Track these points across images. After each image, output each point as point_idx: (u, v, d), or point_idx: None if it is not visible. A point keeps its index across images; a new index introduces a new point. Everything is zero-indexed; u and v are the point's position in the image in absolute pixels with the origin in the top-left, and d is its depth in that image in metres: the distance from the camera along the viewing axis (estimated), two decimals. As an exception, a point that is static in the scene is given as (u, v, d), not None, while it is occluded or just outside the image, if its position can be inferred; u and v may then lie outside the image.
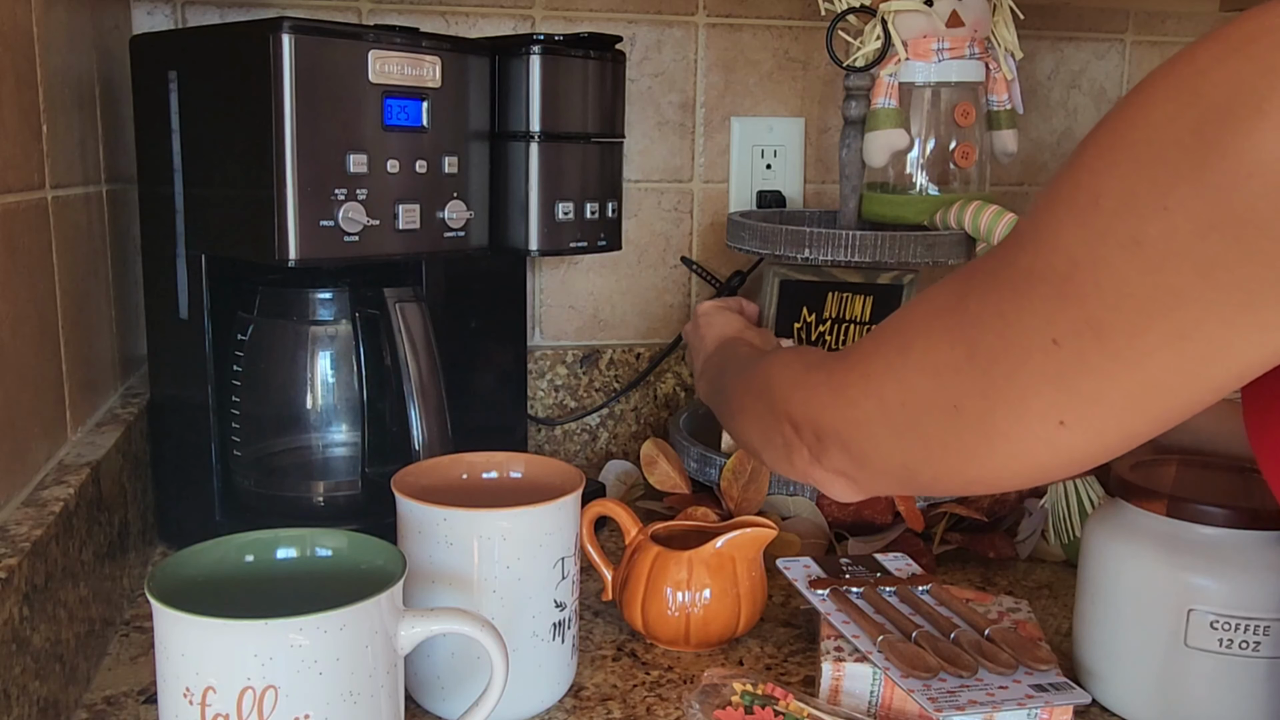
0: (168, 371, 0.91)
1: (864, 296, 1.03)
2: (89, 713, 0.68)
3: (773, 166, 1.21)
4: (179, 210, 0.84)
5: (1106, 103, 1.30)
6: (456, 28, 1.10)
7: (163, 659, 0.52)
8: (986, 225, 0.95)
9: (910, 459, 0.51)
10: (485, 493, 0.74)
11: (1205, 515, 0.66)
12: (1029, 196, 1.30)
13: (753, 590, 0.78)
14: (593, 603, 0.84)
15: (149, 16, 1.04)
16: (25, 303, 0.69)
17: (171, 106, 0.83)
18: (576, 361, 1.18)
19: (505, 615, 0.65)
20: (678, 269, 1.21)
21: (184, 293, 0.86)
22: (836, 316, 1.04)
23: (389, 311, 0.82)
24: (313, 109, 0.75)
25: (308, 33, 0.74)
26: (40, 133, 0.73)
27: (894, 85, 0.98)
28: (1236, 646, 0.64)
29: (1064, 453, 0.46)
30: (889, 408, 0.51)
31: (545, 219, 0.90)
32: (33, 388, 0.70)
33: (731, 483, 0.96)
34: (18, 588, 0.57)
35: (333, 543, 0.60)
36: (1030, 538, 0.95)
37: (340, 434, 0.90)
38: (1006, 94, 0.99)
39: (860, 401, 0.53)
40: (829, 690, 0.69)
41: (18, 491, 0.66)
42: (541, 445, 1.18)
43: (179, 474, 0.91)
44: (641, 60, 1.15)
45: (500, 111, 0.90)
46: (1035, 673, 0.67)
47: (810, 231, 0.97)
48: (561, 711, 0.70)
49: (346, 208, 0.77)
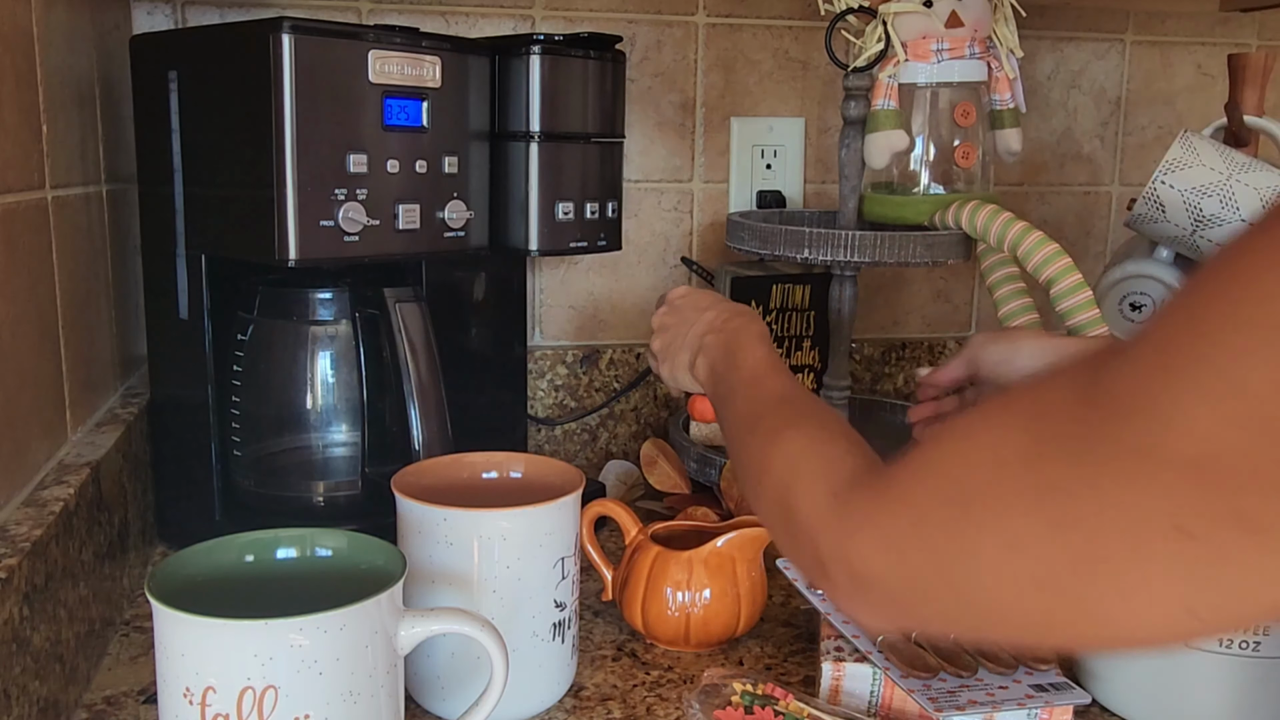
0: (168, 371, 0.91)
1: (803, 286, 1.11)
2: (89, 713, 0.68)
3: (773, 166, 1.21)
4: (179, 210, 0.84)
5: (1106, 103, 1.30)
6: (456, 28, 1.10)
7: (163, 659, 0.52)
8: (983, 225, 0.95)
9: (979, 622, 0.46)
10: (485, 493, 0.74)
11: (1205, 515, 0.66)
12: (1029, 196, 1.30)
13: (753, 590, 0.78)
14: (593, 603, 0.84)
15: (149, 16, 1.04)
16: (25, 303, 0.69)
17: (171, 106, 0.83)
18: (576, 361, 1.18)
19: (505, 615, 0.65)
20: (678, 269, 1.21)
21: (184, 293, 0.86)
22: (781, 306, 1.10)
23: (389, 311, 0.82)
24: (313, 109, 0.75)
25: (308, 33, 0.74)
26: (40, 133, 0.73)
27: (894, 86, 0.98)
28: (1236, 646, 0.64)
29: (1185, 635, 0.42)
30: (948, 570, 0.43)
31: (545, 219, 0.90)
32: (33, 388, 0.70)
33: (731, 483, 0.96)
34: (18, 588, 0.57)
35: (333, 543, 0.60)
36: (1030, 538, 0.95)
37: (340, 434, 0.90)
38: (1009, 93, 0.99)
39: (911, 556, 0.45)
40: (829, 690, 0.69)
41: (18, 491, 0.66)
42: (541, 445, 1.18)
43: (179, 474, 0.91)
44: (641, 60, 1.15)
45: (500, 111, 0.90)
46: (1035, 673, 0.67)
47: (810, 231, 0.97)
48: (561, 711, 0.70)
49: (346, 208, 0.77)
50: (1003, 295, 0.96)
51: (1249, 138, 1.09)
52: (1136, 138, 1.32)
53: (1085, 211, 1.33)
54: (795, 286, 1.09)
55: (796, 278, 1.09)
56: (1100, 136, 1.31)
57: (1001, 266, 0.97)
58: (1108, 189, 1.33)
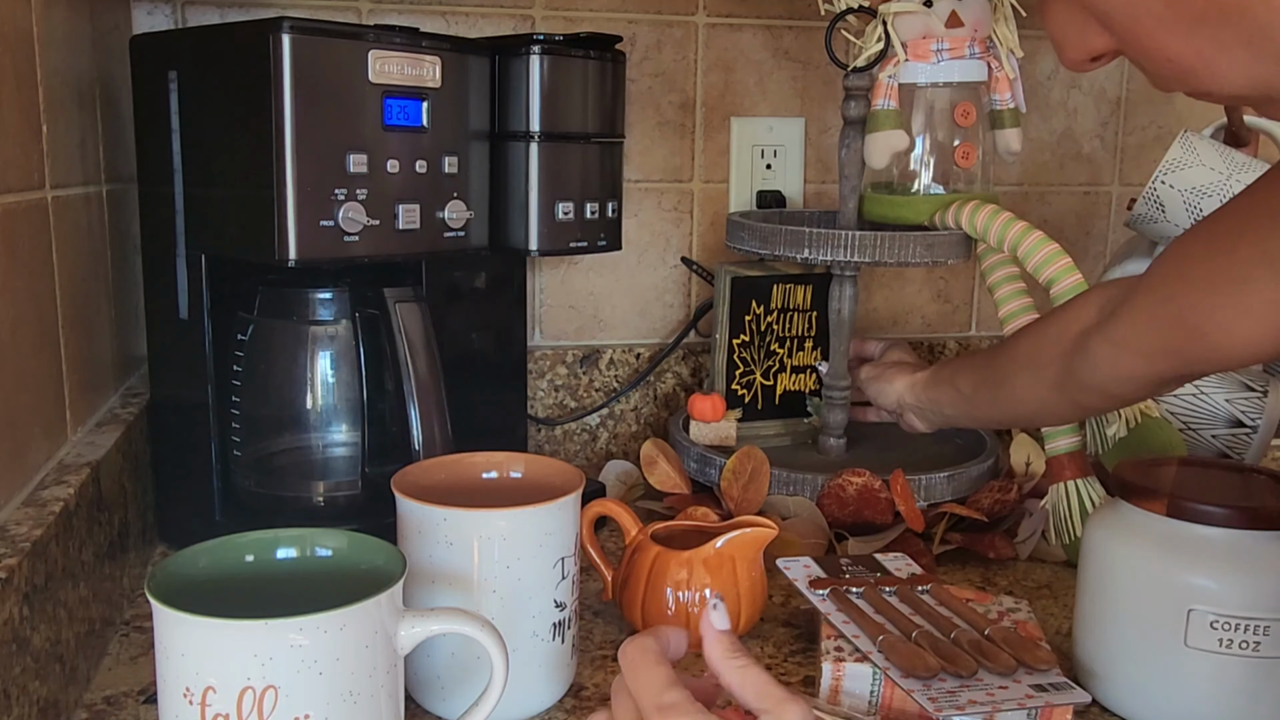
0: (168, 371, 0.91)
1: (804, 286, 1.10)
2: (89, 713, 0.68)
3: (773, 166, 1.21)
4: (179, 210, 0.84)
5: (1106, 103, 1.30)
6: (456, 28, 1.10)
7: (163, 659, 0.52)
8: (983, 225, 0.95)
9: None
10: (485, 493, 0.74)
11: (1205, 515, 0.66)
12: (1029, 196, 1.30)
13: (753, 590, 0.78)
14: (593, 603, 0.84)
15: (149, 16, 1.04)
16: (25, 303, 0.69)
17: (171, 106, 0.83)
18: (576, 361, 1.18)
19: (505, 615, 0.65)
20: (678, 269, 1.21)
21: (184, 293, 0.86)
22: (782, 306, 1.10)
23: (389, 311, 0.82)
24: (313, 109, 0.75)
25: (308, 33, 0.74)
26: (40, 133, 0.73)
27: (893, 87, 0.98)
28: (1236, 646, 0.64)
29: None
30: None
31: (545, 219, 0.90)
32: (33, 388, 0.70)
33: (731, 483, 0.96)
34: (18, 588, 0.57)
35: (333, 543, 0.60)
36: (1030, 538, 0.95)
37: (340, 434, 0.90)
38: (1009, 93, 0.99)
39: None
40: (829, 690, 0.69)
41: (18, 491, 0.66)
42: (541, 445, 1.18)
43: (179, 474, 0.91)
44: (641, 60, 1.15)
45: (500, 111, 0.90)
46: (1035, 673, 0.67)
47: (810, 231, 0.98)
48: (561, 711, 0.70)
49: (346, 208, 0.77)
50: (1003, 295, 0.96)
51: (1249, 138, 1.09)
52: (1136, 138, 1.32)
53: (1085, 211, 1.33)
54: (796, 286, 1.09)
55: (797, 278, 1.09)
56: (1100, 136, 1.31)
57: (1002, 267, 0.97)
58: (1108, 189, 1.33)
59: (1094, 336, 0.72)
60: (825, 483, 0.95)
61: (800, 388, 1.12)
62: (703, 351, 1.22)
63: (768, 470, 0.96)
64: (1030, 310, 0.95)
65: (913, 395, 0.96)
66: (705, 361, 1.22)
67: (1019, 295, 0.96)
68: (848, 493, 0.94)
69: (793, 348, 1.11)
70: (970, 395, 0.88)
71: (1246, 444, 1.01)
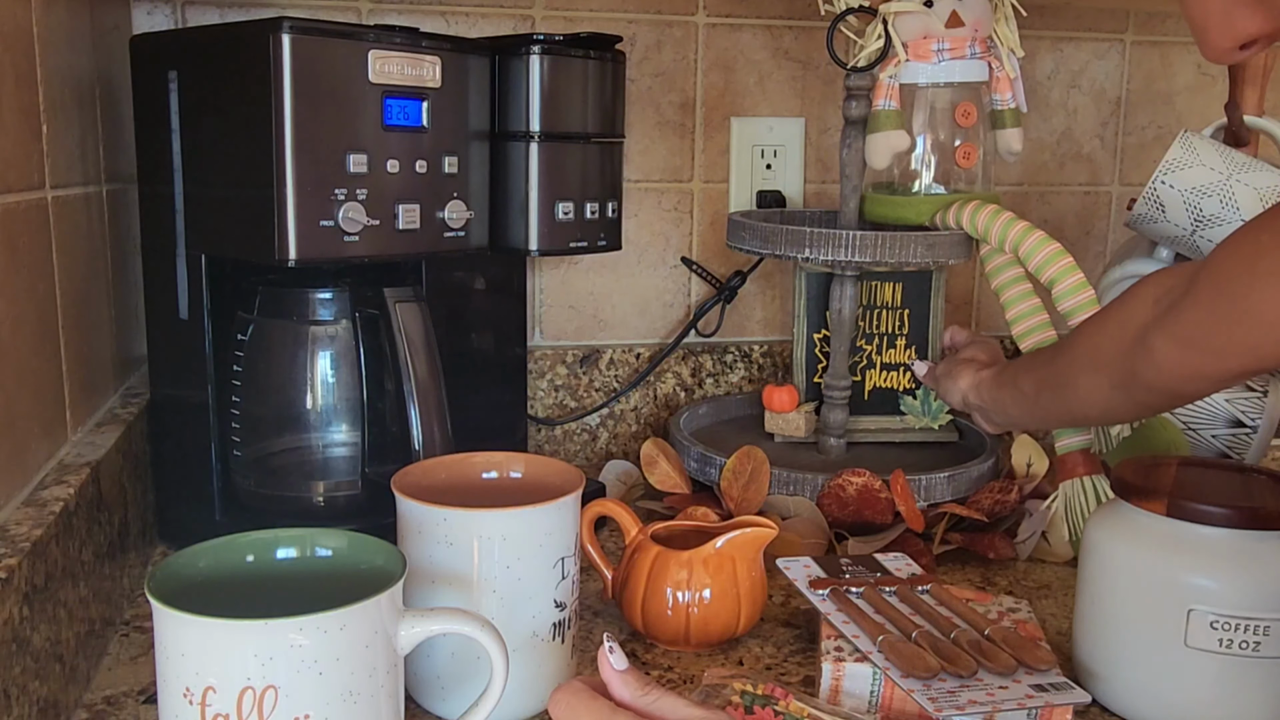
0: (168, 371, 0.91)
1: (894, 284, 1.10)
2: (89, 713, 0.68)
3: (773, 166, 1.21)
4: (179, 210, 0.84)
5: (1106, 103, 1.30)
6: (456, 28, 1.10)
7: (163, 659, 0.52)
8: (984, 225, 0.95)
9: None
10: (485, 493, 0.74)
11: (1205, 515, 0.66)
12: (1029, 196, 1.30)
13: (753, 590, 0.78)
14: (593, 603, 0.84)
15: (149, 16, 1.04)
16: (25, 303, 0.69)
17: (171, 106, 0.83)
18: (576, 361, 1.18)
19: (505, 615, 0.65)
20: (678, 269, 1.21)
21: (184, 293, 0.86)
22: (869, 304, 1.10)
23: (389, 311, 0.82)
24: (313, 109, 0.75)
25: (308, 33, 0.74)
26: (40, 133, 0.73)
27: (894, 87, 0.98)
28: (1236, 646, 0.64)
29: None
30: None
31: (545, 219, 0.90)
32: (33, 388, 0.70)
33: (731, 483, 0.96)
34: (18, 588, 0.57)
35: (333, 543, 0.60)
36: (1030, 539, 0.95)
37: (340, 434, 0.90)
38: (1010, 93, 0.99)
39: None
40: (829, 690, 0.69)
41: (18, 491, 0.66)
42: (541, 445, 1.18)
43: (179, 474, 0.91)
44: (641, 60, 1.15)
45: (500, 111, 0.90)
46: (1035, 673, 0.67)
47: (810, 231, 0.98)
48: (561, 711, 0.70)
49: (346, 208, 0.77)
50: (1011, 298, 0.96)
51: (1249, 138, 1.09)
52: (1136, 138, 1.32)
53: (1085, 211, 1.33)
54: (885, 284, 1.08)
55: (886, 275, 1.08)
56: (1100, 136, 1.31)
57: (1008, 269, 0.96)
58: (1108, 189, 1.33)
59: (1155, 334, 0.68)
60: (825, 483, 0.95)
61: (893, 385, 1.11)
62: (703, 351, 1.22)
63: (768, 470, 0.96)
64: (1039, 311, 0.95)
65: (976, 395, 0.91)
66: (705, 361, 1.22)
67: (1027, 297, 0.95)
68: (848, 493, 0.94)
69: (882, 345, 1.10)
70: (1034, 397, 0.84)
71: (1247, 444, 1.01)
